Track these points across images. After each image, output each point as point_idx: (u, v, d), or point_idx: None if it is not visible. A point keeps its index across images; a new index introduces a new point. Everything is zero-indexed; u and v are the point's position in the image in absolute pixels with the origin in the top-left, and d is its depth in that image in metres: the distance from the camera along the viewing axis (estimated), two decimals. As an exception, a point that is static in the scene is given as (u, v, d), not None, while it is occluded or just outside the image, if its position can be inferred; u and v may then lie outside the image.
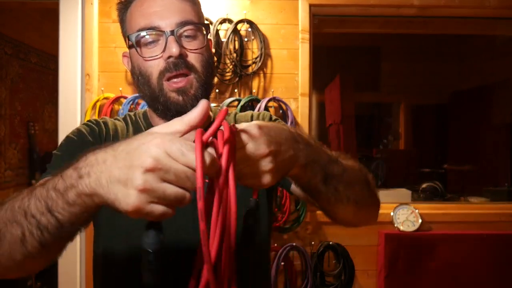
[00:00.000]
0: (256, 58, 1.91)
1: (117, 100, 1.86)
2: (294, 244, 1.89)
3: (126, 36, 0.79)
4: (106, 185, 0.44)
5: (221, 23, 1.91)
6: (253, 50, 1.93)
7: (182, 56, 0.74)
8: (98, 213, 0.79)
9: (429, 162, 4.14)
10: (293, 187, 0.84)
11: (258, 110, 1.86)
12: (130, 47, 0.79)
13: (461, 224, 1.96)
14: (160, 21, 0.75)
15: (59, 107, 1.88)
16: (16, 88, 2.98)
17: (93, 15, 1.87)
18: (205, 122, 0.82)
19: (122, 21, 0.82)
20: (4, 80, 2.84)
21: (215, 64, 1.90)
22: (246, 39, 1.93)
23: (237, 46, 1.90)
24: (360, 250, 1.95)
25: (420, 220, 1.90)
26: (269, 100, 1.89)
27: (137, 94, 1.86)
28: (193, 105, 0.75)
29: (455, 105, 4.09)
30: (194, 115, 0.47)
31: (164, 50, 0.74)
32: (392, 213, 1.92)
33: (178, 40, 0.74)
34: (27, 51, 3.11)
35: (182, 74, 0.75)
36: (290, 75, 1.95)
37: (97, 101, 1.86)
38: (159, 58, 0.75)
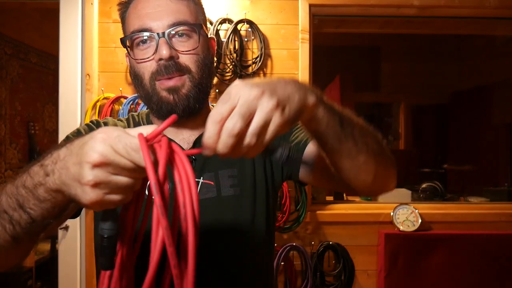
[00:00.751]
0: (256, 58, 1.91)
1: (117, 100, 1.86)
2: (294, 244, 1.90)
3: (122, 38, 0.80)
4: (67, 182, 0.46)
5: (221, 23, 1.91)
6: (253, 50, 1.93)
7: (173, 58, 0.74)
8: None
9: (429, 162, 4.15)
10: (302, 172, 0.82)
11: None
12: (126, 48, 0.79)
13: (461, 224, 1.96)
14: (152, 22, 0.74)
15: (59, 107, 1.88)
16: (16, 88, 2.98)
17: (93, 15, 1.87)
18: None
19: (123, 22, 0.82)
20: (4, 80, 2.84)
21: (215, 64, 1.90)
22: (246, 39, 1.93)
23: (237, 46, 1.90)
24: (360, 250, 1.95)
25: (420, 220, 1.90)
26: (269, 100, 1.89)
27: (137, 95, 1.86)
28: (185, 104, 0.75)
29: (455, 105, 4.09)
30: (159, 128, 0.47)
31: (155, 52, 0.74)
32: (392, 213, 1.92)
33: (170, 41, 0.74)
34: (27, 51, 3.11)
35: (173, 77, 0.75)
36: (290, 75, 1.95)
37: (97, 101, 1.86)
38: (150, 60, 0.75)
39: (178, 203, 0.44)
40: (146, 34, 0.75)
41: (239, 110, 0.46)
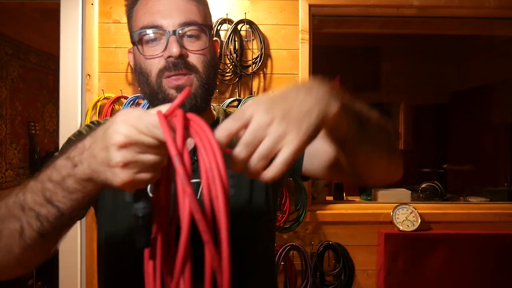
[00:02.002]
0: (256, 58, 1.92)
1: (117, 100, 1.87)
2: (294, 244, 1.90)
3: (131, 34, 0.79)
4: (97, 168, 0.47)
5: (221, 23, 1.91)
6: (253, 50, 1.93)
7: (182, 57, 0.74)
8: (99, 206, 0.79)
9: (429, 162, 4.15)
10: (306, 167, 0.82)
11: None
12: (133, 44, 0.79)
13: (461, 224, 1.96)
14: (163, 20, 0.75)
15: (60, 107, 1.88)
16: (17, 88, 2.98)
17: (94, 15, 1.87)
18: (208, 121, 0.82)
19: (129, 18, 0.82)
20: (5, 80, 2.84)
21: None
22: (246, 39, 1.93)
23: (237, 46, 1.90)
24: (360, 250, 1.96)
25: (419, 220, 1.90)
26: (269, 100, 1.89)
27: (138, 94, 1.86)
28: (192, 103, 0.75)
29: (455, 105, 4.09)
30: (175, 103, 0.48)
31: (165, 49, 0.74)
32: (391, 213, 1.92)
33: (180, 40, 0.74)
34: (27, 51, 3.12)
35: (181, 74, 0.75)
36: (290, 75, 1.95)
37: (98, 101, 1.86)
38: (159, 56, 0.75)
39: (202, 169, 0.44)
40: (156, 30, 0.75)
41: (246, 138, 0.45)
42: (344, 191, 2.21)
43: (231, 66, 1.91)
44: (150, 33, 0.75)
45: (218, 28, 1.90)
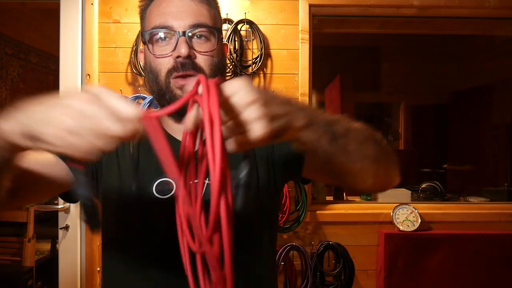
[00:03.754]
0: (256, 58, 1.92)
1: (117, 100, 1.86)
2: (294, 244, 1.90)
3: (142, 33, 0.82)
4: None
5: (221, 23, 1.91)
6: (253, 50, 1.93)
7: (190, 57, 0.76)
8: (103, 198, 0.79)
9: (429, 162, 4.15)
10: (305, 170, 0.83)
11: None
12: (144, 43, 0.81)
13: (461, 224, 1.96)
14: (174, 21, 0.77)
15: (60, 107, 1.88)
16: (17, 88, 2.98)
17: (93, 15, 1.87)
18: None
19: (142, 18, 0.84)
20: (5, 80, 2.84)
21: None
22: (246, 39, 1.93)
23: (237, 46, 1.90)
24: (360, 250, 1.95)
25: (419, 220, 1.90)
26: (269, 100, 1.89)
27: (138, 94, 1.86)
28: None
29: (455, 105, 4.09)
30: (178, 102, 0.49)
31: (174, 50, 0.77)
32: (392, 213, 1.92)
33: (189, 41, 0.77)
34: (27, 51, 3.12)
35: (189, 75, 0.77)
36: (290, 75, 1.95)
37: (97, 101, 1.86)
38: (168, 56, 0.77)
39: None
40: (167, 31, 0.77)
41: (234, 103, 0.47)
42: (344, 191, 2.21)
43: (231, 66, 1.91)
44: (160, 33, 0.78)
45: (218, 28, 1.90)
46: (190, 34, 0.77)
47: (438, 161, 4.13)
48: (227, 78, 1.93)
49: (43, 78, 3.34)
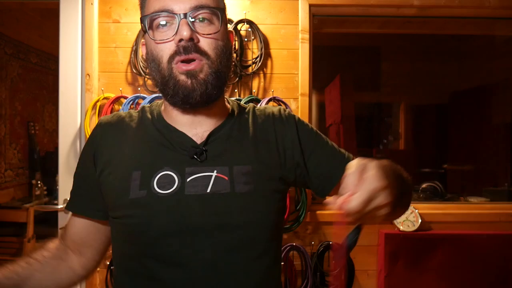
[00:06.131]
0: (256, 58, 1.92)
1: (117, 100, 1.86)
2: (294, 244, 1.90)
3: (142, 20, 0.78)
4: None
5: (221, 23, 1.91)
6: (253, 50, 1.93)
7: (193, 40, 0.73)
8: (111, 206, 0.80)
9: (429, 162, 4.15)
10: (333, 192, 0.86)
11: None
12: (144, 31, 0.78)
13: (461, 224, 1.96)
14: (174, 4, 0.74)
15: (59, 107, 1.88)
16: (16, 88, 2.98)
17: (93, 15, 1.87)
18: (223, 112, 0.85)
19: (142, 6, 0.81)
20: (4, 80, 2.84)
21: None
22: (246, 39, 1.93)
23: (237, 46, 1.90)
24: (360, 250, 1.95)
25: (420, 220, 1.90)
26: (269, 100, 1.90)
27: (138, 94, 1.86)
28: (202, 89, 0.75)
29: (455, 105, 4.09)
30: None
31: (176, 34, 0.73)
32: (392, 213, 1.92)
33: (191, 24, 0.73)
34: (27, 51, 3.12)
35: (192, 59, 0.73)
36: (290, 75, 1.95)
37: (97, 101, 1.86)
38: (170, 41, 0.74)
39: None
40: (167, 14, 0.74)
41: (363, 195, 0.55)
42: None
43: (231, 66, 1.90)
44: (160, 17, 0.74)
45: (218, 28, 1.90)
46: (191, 16, 0.73)
47: (438, 161, 4.13)
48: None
49: (43, 78, 3.34)
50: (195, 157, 0.77)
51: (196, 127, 0.81)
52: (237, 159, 0.79)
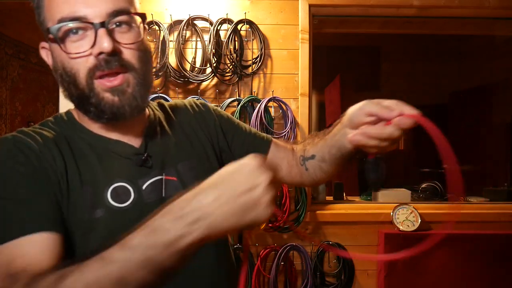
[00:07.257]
0: (256, 58, 1.92)
1: (117, 100, 1.86)
2: (294, 244, 1.90)
3: (46, 28, 0.66)
4: (237, 213, 0.48)
5: (221, 23, 1.91)
6: (253, 50, 1.93)
7: (115, 52, 0.63)
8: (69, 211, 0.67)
9: (429, 162, 4.14)
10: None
11: (258, 110, 1.86)
12: (50, 40, 0.66)
13: (461, 224, 1.96)
14: (87, 9, 0.62)
15: (60, 107, 1.88)
16: (17, 88, 2.99)
17: (93, 15, 1.87)
18: (145, 118, 0.78)
19: (38, 6, 0.68)
20: (5, 80, 2.84)
21: (214, 64, 1.90)
22: (246, 39, 1.93)
23: (237, 46, 1.90)
24: (360, 250, 1.95)
25: (419, 220, 1.90)
26: (269, 100, 1.90)
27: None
28: (132, 105, 0.67)
29: (455, 105, 4.09)
30: None
31: (93, 45, 0.62)
32: (391, 213, 1.92)
33: (111, 33, 0.63)
34: (27, 51, 3.12)
35: (115, 73, 0.64)
36: (290, 75, 1.95)
37: (97, 101, 1.86)
38: (87, 55, 0.63)
39: None
40: (80, 24, 0.62)
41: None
42: (344, 191, 2.21)
43: (231, 66, 1.90)
44: (72, 26, 0.62)
45: (218, 28, 1.90)
46: (110, 24, 0.63)
47: (438, 161, 4.11)
48: (226, 78, 1.93)
49: (43, 78, 3.34)
50: (143, 164, 0.72)
51: (127, 132, 0.73)
52: (178, 157, 0.76)
